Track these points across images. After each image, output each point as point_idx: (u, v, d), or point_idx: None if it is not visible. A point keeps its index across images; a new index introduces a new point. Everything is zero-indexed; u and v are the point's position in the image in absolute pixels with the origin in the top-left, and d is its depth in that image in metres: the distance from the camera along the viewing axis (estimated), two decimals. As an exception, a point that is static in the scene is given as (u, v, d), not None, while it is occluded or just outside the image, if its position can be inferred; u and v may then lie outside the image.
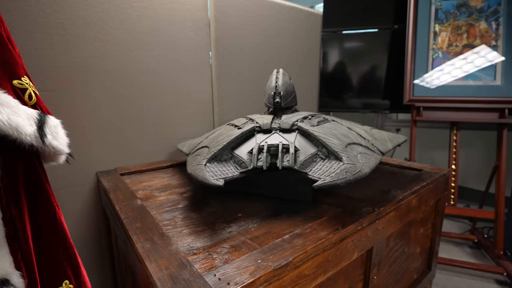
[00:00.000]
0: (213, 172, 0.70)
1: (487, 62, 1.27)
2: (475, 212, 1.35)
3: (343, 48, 1.78)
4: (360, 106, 1.79)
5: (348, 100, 1.82)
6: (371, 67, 1.75)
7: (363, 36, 1.73)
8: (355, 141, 0.79)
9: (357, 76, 1.78)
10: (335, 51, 1.78)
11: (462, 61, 1.30)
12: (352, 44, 1.77)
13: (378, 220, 0.70)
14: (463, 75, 1.33)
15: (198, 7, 1.21)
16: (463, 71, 1.31)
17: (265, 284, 0.46)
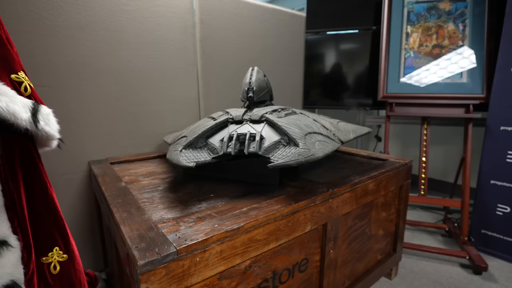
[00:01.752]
0: (187, 157, 0.80)
1: (458, 68, 1.36)
2: (443, 201, 1.44)
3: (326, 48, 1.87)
4: (343, 103, 1.88)
5: (332, 98, 1.91)
6: (353, 66, 1.84)
7: (345, 37, 1.82)
8: (317, 131, 0.89)
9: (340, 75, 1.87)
10: (319, 51, 1.88)
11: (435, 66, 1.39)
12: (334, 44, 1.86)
13: (331, 199, 0.80)
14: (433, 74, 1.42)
15: (184, 9, 1.30)
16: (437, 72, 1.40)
17: (217, 242, 0.56)
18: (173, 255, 0.50)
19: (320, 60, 1.89)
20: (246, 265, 0.64)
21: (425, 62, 1.44)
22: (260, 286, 0.68)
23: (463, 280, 1.21)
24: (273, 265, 0.70)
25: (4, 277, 0.59)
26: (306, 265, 0.79)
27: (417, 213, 1.85)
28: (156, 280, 0.49)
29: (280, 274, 0.73)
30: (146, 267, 0.47)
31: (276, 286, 0.72)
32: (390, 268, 1.19)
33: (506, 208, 1.31)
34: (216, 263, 0.56)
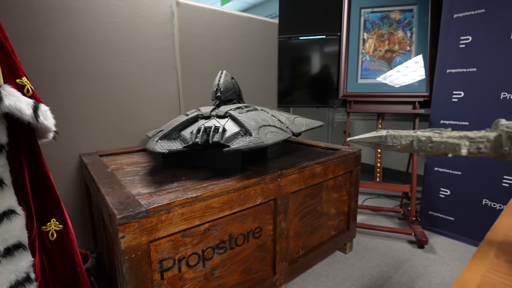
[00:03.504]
0: (162, 146, 0.97)
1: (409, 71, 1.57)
2: (395, 187, 1.64)
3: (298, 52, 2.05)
4: (314, 103, 2.08)
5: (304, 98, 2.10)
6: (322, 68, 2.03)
7: (314, 42, 2.01)
8: (271, 124, 1.07)
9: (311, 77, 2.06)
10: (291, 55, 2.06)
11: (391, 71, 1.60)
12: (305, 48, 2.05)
13: (280, 178, 0.98)
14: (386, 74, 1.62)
15: (164, 20, 1.47)
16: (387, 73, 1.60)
17: (179, 206, 0.73)
18: (143, 213, 0.67)
19: (293, 63, 2.08)
20: (205, 227, 0.81)
21: (379, 64, 1.64)
22: (218, 246, 0.86)
23: (407, 253, 1.41)
24: (229, 230, 0.88)
25: (13, 238, 0.76)
26: (260, 233, 0.97)
27: (381, 201, 2.05)
28: (131, 231, 0.66)
29: (236, 238, 0.90)
30: (122, 220, 0.64)
31: (232, 247, 0.90)
32: (344, 243, 1.38)
33: (447, 191, 1.51)
34: (179, 222, 0.74)
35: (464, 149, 0.35)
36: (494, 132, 0.36)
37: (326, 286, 1.18)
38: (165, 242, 0.74)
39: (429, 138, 0.36)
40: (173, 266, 0.77)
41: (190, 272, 0.81)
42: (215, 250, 0.86)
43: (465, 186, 1.44)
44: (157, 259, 0.73)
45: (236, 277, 0.93)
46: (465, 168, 1.43)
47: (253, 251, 0.97)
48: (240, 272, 0.94)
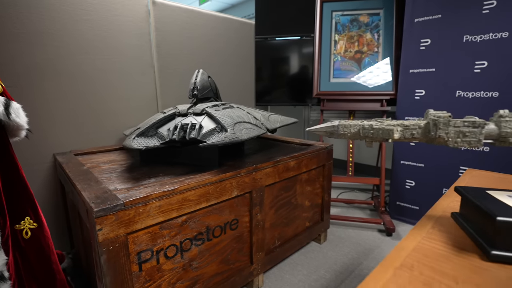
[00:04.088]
0: (139, 143, 0.99)
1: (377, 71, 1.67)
2: (365, 180, 1.74)
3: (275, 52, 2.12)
4: (291, 101, 2.15)
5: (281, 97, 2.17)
6: (299, 68, 2.11)
7: (290, 42, 2.08)
8: (247, 121, 1.12)
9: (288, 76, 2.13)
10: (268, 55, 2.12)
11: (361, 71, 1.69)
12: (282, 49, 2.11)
13: (255, 172, 1.03)
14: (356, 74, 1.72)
15: (140, 18, 1.47)
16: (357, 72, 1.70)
17: (157, 199, 0.76)
18: (120, 206, 0.69)
19: (270, 63, 2.14)
20: (183, 219, 0.85)
21: (349, 65, 1.73)
22: (196, 238, 0.89)
23: (377, 240, 1.51)
24: (207, 221, 0.92)
25: (-15, 236, 0.75)
26: (236, 224, 1.02)
27: (354, 194, 2.16)
28: (108, 224, 0.68)
29: (213, 230, 0.94)
30: (100, 213, 0.66)
31: (210, 239, 0.94)
32: (319, 234, 1.45)
33: (412, 182, 1.63)
34: (156, 214, 0.77)
35: (396, 134, 0.41)
36: (424, 121, 0.43)
37: (301, 274, 1.24)
38: (143, 234, 0.76)
39: (371, 126, 0.42)
40: (151, 258, 0.79)
41: (168, 263, 0.84)
42: (193, 241, 0.89)
43: (427, 177, 1.56)
44: (135, 251, 0.75)
45: (214, 268, 0.97)
46: (427, 160, 1.55)
47: (230, 242, 1.01)
48: (218, 262, 0.98)
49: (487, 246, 0.39)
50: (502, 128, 0.39)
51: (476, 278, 0.35)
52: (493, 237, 0.40)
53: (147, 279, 0.79)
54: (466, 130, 0.40)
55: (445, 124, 0.40)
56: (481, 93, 1.34)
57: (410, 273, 0.37)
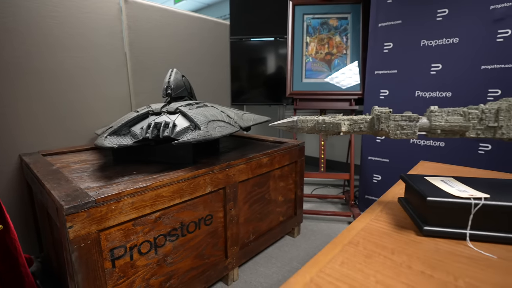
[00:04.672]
0: (111, 141, 0.98)
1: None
2: (336, 175, 1.83)
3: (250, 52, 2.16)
4: (266, 101, 2.20)
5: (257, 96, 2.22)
6: (273, 69, 2.17)
7: (265, 43, 2.14)
8: (220, 119, 1.15)
9: (263, 76, 2.18)
10: (243, 55, 2.16)
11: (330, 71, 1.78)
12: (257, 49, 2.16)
13: (228, 168, 1.06)
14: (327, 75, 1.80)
15: (112, 16, 1.45)
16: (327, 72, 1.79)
17: (129, 196, 0.77)
18: (92, 203, 0.70)
19: (245, 63, 2.18)
20: (156, 215, 0.86)
21: (320, 66, 1.81)
22: (170, 233, 0.91)
23: (347, 232, 1.60)
24: (181, 217, 0.94)
25: None
26: (211, 220, 1.04)
27: (327, 190, 2.26)
28: (79, 221, 0.68)
29: (188, 225, 0.96)
30: (70, 210, 0.66)
31: (184, 234, 0.96)
32: (292, 228, 1.51)
33: (378, 176, 1.74)
34: (129, 211, 0.78)
35: (344, 127, 0.46)
36: (370, 116, 0.49)
37: (275, 266, 1.29)
38: (115, 231, 0.77)
39: (323, 120, 0.47)
40: (124, 254, 0.80)
41: (142, 259, 0.85)
42: (167, 237, 0.91)
43: (392, 171, 1.68)
44: (108, 248, 0.76)
45: (189, 263, 0.99)
46: (391, 156, 1.67)
47: (205, 237, 1.03)
48: (193, 257, 1.00)
49: (421, 222, 0.46)
50: (432, 122, 0.46)
51: (409, 249, 0.41)
52: (425, 215, 0.46)
53: (120, 275, 0.80)
54: (403, 123, 0.46)
55: (386, 118, 0.46)
56: (437, 93, 1.47)
57: (355, 248, 0.42)
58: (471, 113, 0.44)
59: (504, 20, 1.26)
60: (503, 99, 0.44)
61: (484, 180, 0.51)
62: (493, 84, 1.31)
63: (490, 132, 0.44)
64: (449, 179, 0.52)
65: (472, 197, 0.42)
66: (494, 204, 0.41)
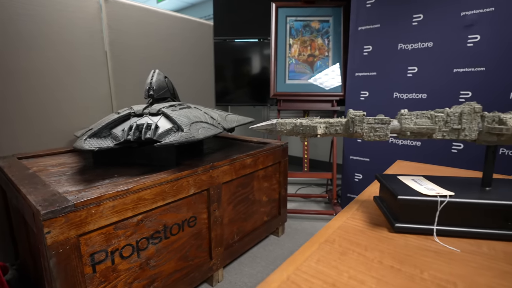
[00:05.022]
0: (91, 144, 0.96)
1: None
2: (319, 174, 1.87)
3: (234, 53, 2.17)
4: (250, 101, 2.22)
5: (241, 97, 2.23)
6: (258, 70, 2.18)
7: (249, 45, 2.15)
8: (203, 120, 1.15)
9: (247, 77, 2.20)
10: (227, 56, 2.16)
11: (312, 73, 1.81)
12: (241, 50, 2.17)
13: (212, 170, 1.06)
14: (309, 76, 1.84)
15: (91, 15, 1.42)
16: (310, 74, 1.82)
17: (110, 199, 0.76)
18: (70, 207, 0.68)
19: (229, 64, 2.18)
20: (138, 218, 0.85)
21: (303, 67, 1.85)
22: (153, 236, 0.91)
23: (330, 230, 1.64)
24: (164, 220, 0.93)
25: None
26: (195, 221, 1.04)
27: (311, 189, 2.30)
28: (58, 226, 0.67)
29: (171, 227, 0.96)
30: (48, 215, 0.65)
31: (167, 236, 0.95)
32: (277, 227, 1.53)
33: (360, 175, 1.79)
34: (110, 215, 0.77)
35: (319, 130, 0.48)
36: (345, 118, 0.51)
37: (260, 266, 1.30)
38: (96, 235, 0.76)
39: (301, 123, 0.49)
40: (105, 259, 0.79)
41: (124, 263, 0.84)
42: (150, 240, 0.90)
43: (372, 170, 1.73)
44: (88, 253, 0.75)
45: (172, 265, 0.99)
46: (371, 155, 1.72)
47: (188, 239, 1.03)
48: (176, 259, 1.00)
49: (393, 219, 0.48)
50: (403, 124, 0.49)
51: (381, 246, 0.44)
52: (396, 213, 0.49)
53: (101, 280, 0.79)
54: (376, 126, 0.48)
55: (360, 121, 0.48)
56: (413, 94, 1.53)
57: (331, 246, 0.44)
58: (438, 116, 0.47)
59: (473, 26, 1.33)
60: (466, 103, 0.47)
61: (451, 179, 0.55)
62: (464, 86, 1.38)
63: (454, 134, 0.47)
64: (419, 178, 0.55)
65: (439, 195, 0.45)
66: (457, 201, 0.44)
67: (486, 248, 0.42)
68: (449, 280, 0.35)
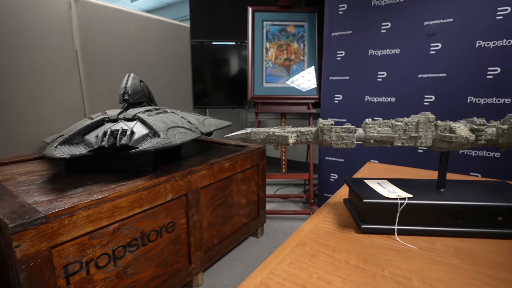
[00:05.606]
0: (62, 151, 0.93)
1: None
2: (297, 175, 1.93)
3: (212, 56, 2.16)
4: (229, 104, 2.22)
5: (219, 100, 2.23)
6: (236, 73, 2.20)
7: (226, 47, 2.16)
8: (181, 125, 1.15)
9: (225, 80, 2.20)
10: (205, 58, 2.16)
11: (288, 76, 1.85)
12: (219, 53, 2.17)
13: (190, 175, 1.07)
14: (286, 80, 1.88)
15: (61, 16, 1.37)
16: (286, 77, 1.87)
17: (84, 209, 0.75)
18: (41, 219, 0.66)
19: (207, 67, 2.18)
20: (115, 227, 0.84)
21: (280, 71, 1.89)
22: (130, 244, 0.89)
23: (307, 229, 1.69)
24: (141, 227, 0.92)
25: None
26: (173, 227, 1.04)
27: (290, 189, 2.35)
28: (28, 239, 0.65)
29: (149, 234, 0.95)
30: (16, 228, 0.62)
31: (145, 244, 0.94)
32: (256, 229, 1.56)
33: (335, 175, 1.86)
34: (84, 225, 0.75)
35: (291, 139, 0.51)
36: (315, 128, 0.54)
37: (240, 268, 1.32)
38: (69, 246, 0.74)
39: (274, 133, 0.52)
40: (80, 270, 0.77)
41: (100, 273, 0.82)
42: (127, 248, 0.89)
43: (346, 170, 1.81)
44: (61, 264, 0.73)
45: (151, 272, 0.98)
46: (345, 156, 1.80)
47: (167, 245, 1.03)
48: (155, 266, 0.99)
49: (360, 221, 0.52)
50: (367, 133, 0.52)
51: (348, 246, 0.47)
52: (363, 215, 0.53)
53: (76, 292, 0.77)
54: (343, 134, 0.52)
55: (328, 130, 0.52)
56: (383, 98, 1.62)
57: (303, 248, 0.47)
58: (397, 125, 0.52)
59: (435, 35, 1.43)
60: (422, 113, 0.52)
61: (411, 181, 0.60)
62: (428, 90, 1.48)
63: (412, 141, 0.52)
64: (383, 181, 0.59)
65: (399, 198, 0.50)
66: (415, 203, 0.49)
67: (439, 244, 0.47)
68: (406, 276, 0.39)
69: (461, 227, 0.49)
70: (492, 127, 0.51)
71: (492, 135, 0.50)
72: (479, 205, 0.48)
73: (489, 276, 0.40)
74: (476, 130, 0.50)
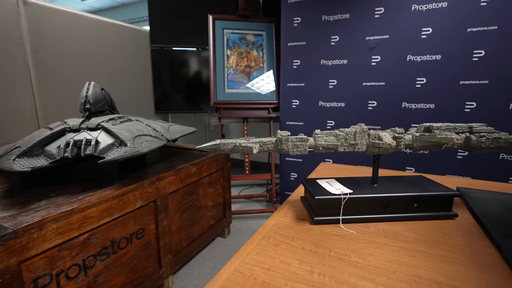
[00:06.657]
0: (22, 164, 0.91)
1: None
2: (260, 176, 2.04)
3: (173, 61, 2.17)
4: (191, 108, 2.25)
5: (182, 104, 2.24)
6: (198, 78, 2.23)
7: (188, 53, 2.18)
8: (146, 133, 1.17)
9: (187, 85, 2.23)
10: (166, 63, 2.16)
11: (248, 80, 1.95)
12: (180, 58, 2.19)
13: (158, 181, 1.10)
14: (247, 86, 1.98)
15: (8, 19, 1.29)
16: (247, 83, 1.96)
17: (53, 221, 0.75)
18: (10, 234, 0.66)
19: (168, 72, 2.18)
20: (84, 237, 0.85)
21: (241, 77, 1.98)
22: (100, 253, 0.91)
23: (271, 226, 1.81)
24: (111, 235, 0.94)
25: None
26: (143, 233, 1.07)
27: (253, 189, 2.46)
28: (-4, 255, 0.64)
29: (119, 242, 0.97)
30: (-16, 245, 0.62)
31: (116, 251, 0.96)
32: (223, 229, 1.63)
33: (295, 174, 2.01)
34: (54, 237, 0.76)
35: (255, 150, 0.60)
36: (275, 138, 0.64)
37: (209, 267, 1.38)
38: (39, 260, 0.74)
39: (240, 144, 0.60)
40: (50, 282, 0.77)
41: (71, 284, 0.83)
42: (97, 257, 0.90)
43: (305, 169, 1.97)
44: (30, 279, 0.73)
45: (122, 279, 1.00)
46: (303, 156, 1.95)
47: (137, 251, 1.05)
48: (126, 273, 1.01)
49: (313, 214, 0.63)
50: (316, 141, 0.64)
51: (304, 235, 0.58)
52: (315, 209, 0.64)
53: (46, 304, 0.77)
54: (298, 143, 0.63)
55: (286, 140, 0.62)
56: (334, 103, 1.80)
57: (268, 240, 0.56)
58: (340, 135, 0.64)
59: (375, 48, 1.64)
60: (358, 124, 0.65)
61: (353, 179, 0.73)
62: (371, 97, 1.70)
63: (351, 147, 0.64)
64: (332, 180, 0.72)
65: (342, 193, 0.62)
66: (354, 197, 0.61)
67: (373, 228, 0.60)
68: (346, 254, 0.51)
69: (388, 214, 0.63)
70: (409, 134, 0.66)
71: (409, 141, 0.65)
72: (401, 196, 0.62)
73: (406, 249, 0.53)
74: (397, 137, 0.64)
